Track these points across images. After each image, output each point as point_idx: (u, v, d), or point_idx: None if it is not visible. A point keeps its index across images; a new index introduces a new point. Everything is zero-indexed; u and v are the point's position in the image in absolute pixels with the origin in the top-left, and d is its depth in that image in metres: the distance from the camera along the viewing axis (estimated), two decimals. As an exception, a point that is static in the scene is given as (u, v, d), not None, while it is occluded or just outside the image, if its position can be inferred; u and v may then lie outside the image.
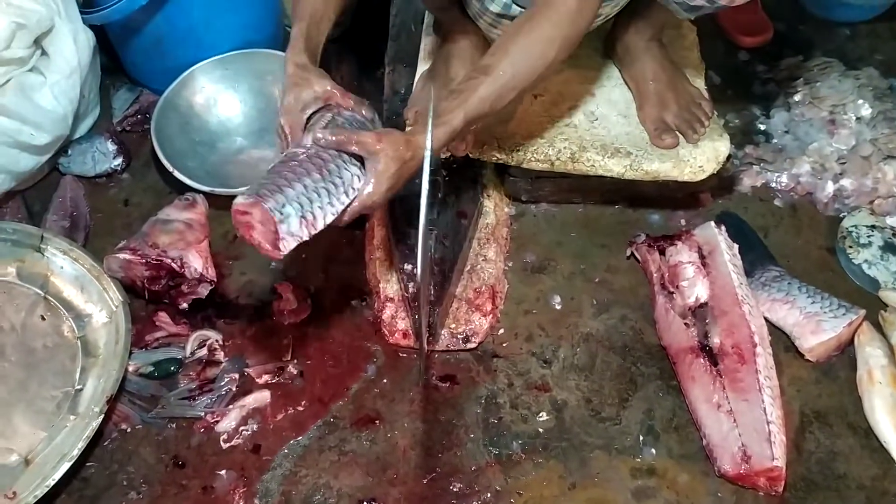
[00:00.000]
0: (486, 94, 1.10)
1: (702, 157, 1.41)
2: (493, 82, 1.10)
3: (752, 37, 1.81)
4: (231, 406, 1.29)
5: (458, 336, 1.35)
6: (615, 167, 1.41)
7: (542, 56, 1.11)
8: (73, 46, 1.47)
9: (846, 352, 1.35)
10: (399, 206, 1.41)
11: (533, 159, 1.43)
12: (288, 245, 1.02)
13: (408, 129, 1.39)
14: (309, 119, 1.14)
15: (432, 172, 1.06)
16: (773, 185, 1.58)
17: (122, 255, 1.34)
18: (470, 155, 1.42)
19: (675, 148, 1.42)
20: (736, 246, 1.38)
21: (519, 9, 1.25)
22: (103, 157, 1.57)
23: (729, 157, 1.45)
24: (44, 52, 1.47)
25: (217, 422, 1.27)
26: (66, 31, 1.46)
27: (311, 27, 1.17)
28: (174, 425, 1.27)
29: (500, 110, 1.14)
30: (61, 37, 1.46)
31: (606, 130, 1.45)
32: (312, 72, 1.14)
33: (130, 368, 1.31)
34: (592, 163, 1.41)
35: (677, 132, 1.42)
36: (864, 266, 1.44)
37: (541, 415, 1.30)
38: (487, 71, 1.11)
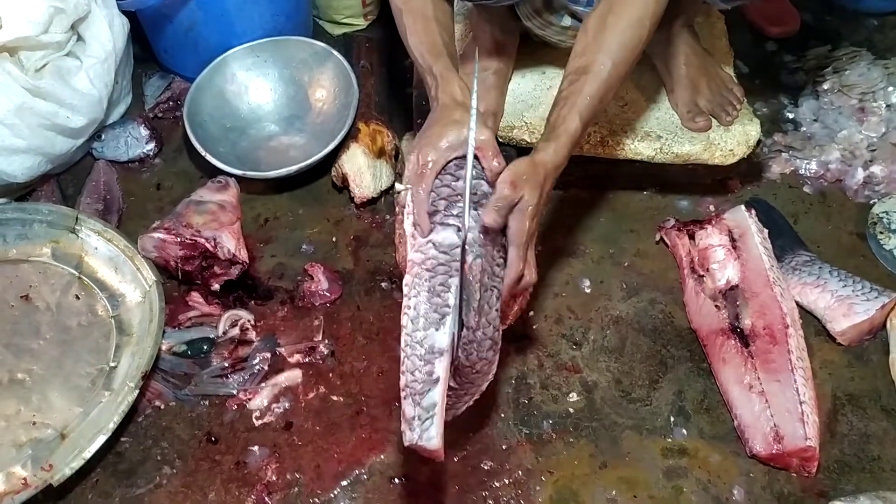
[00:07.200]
0: (593, 91, 1.06)
1: (732, 141, 1.41)
2: (595, 78, 1.06)
3: (780, 27, 1.81)
4: (263, 384, 1.30)
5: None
6: (645, 150, 1.41)
7: (636, 39, 1.08)
8: (108, 31, 1.49)
9: (878, 336, 1.34)
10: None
11: (562, 143, 1.43)
12: None
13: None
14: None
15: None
16: (802, 171, 1.57)
17: (156, 235, 1.35)
18: (499, 138, 1.42)
19: (706, 131, 1.42)
20: (766, 230, 1.38)
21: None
22: (136, 142, 1.59)
23: (759, 142, 1.45)
24: (80, 37, 1.49)
25: (249, 399, 1.28)
26: (101, 16, 1.49)
27: (453, 63, 1.14)
28: (207, 402, 1.29)
29: (609, 103, 1.10)
30: (97, 22, 1.49)
31: (636, 115, 1.45)
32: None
33: (164, 347, 1.32)
34: (623, 146, 1.42)
35: (709, 115, 1.43)
36: (896, 252, 1.43)
37: (571, 395, 1.30)
38: (586, 70, 1.07)
